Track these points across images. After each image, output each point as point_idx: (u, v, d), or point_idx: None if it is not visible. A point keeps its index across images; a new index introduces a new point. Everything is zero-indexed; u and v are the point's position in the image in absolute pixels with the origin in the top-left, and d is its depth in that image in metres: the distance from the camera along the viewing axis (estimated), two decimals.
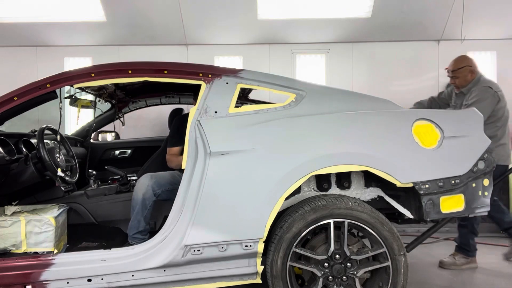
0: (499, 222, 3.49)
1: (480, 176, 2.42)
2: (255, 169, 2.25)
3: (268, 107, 2.43)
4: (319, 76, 5.00)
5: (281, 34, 4.88)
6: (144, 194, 2.70)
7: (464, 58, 3.47)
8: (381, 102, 2.59)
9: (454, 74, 3.43)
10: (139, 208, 2.69)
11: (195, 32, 4.83)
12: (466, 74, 3.38)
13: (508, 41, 4.87)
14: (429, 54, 4.85)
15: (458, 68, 3.41)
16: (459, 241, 3.54)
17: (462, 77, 3.40)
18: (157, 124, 4.94)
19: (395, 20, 4.65)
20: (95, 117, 3.89)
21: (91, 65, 3.00)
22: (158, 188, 2.73)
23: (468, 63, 3.40)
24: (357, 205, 2.28)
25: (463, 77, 3.39)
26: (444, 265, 3.44)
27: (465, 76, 3.39)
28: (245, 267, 2.30)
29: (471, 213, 2.45)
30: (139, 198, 2.70)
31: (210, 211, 2.23)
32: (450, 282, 3.15)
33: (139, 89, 3.62)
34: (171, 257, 2.23)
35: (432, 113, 2.49)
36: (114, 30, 4.80)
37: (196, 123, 2.32)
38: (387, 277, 2.28)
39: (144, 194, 2.70)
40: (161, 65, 2.47)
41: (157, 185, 2.74)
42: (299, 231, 2.25)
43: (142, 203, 2.69)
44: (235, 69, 2.50)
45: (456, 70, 3.42)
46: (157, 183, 2.74)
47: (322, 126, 2.37)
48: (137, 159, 4.13)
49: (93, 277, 2.22)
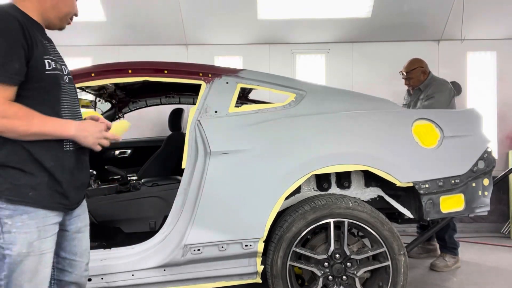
0: (445, 232, 3.44)
1: (480, 175, 2.43)
2: (255, 168, 2.25)
3: (268, 107, 2.43)
4: (319, 76, 5.00)
5: (281, 34, 4.88)
6: None
7: (416, 60, 3.66)
8: (381, 102, 2.59)
9: (408, 76, 3.63)
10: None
11: (195, 32, 4.83)
12: (418, 74, 3.59)
13: (508, 41, 4.87)
14: (429, 54, 4.84)
15: (411, 70, 3.61)
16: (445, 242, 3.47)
17: (415, 77, 3.60)
18: (157, 124, 4.94)
19: (395, 20, 4.65)
20: None
21: (91, 65, 3.00)
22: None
23: (419, 65, 3.61)
24: (357, 204, 2.29)
25: (416, 78, 3.60)
26: (437, 268, 3.41)
27: (418, 76, 3.59)
28: (245, 266, 2.30)
29: (471, 213, 2.45)
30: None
31: (210, 210, 2.23)
32: (450, 282, 3.15)
33: (139, 89, 3.61)
34: (171, 256, 2.23)
35: (432, 113, 2.49)
36: (114, 30, 4.80)
37: (196, 122, 2.32)
38: (387, 276, 2.28)
39: None
40: (161, 65, 2.47)
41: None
42: (299, 230, 2.25)
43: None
44: (235, 69, 2.50)
45: (409, 71, 3.62)
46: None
47: (322, 126, 2.37)
48: (137, 159, 4.13)
49: (93, 276, 2.22)
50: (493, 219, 4.75)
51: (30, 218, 1.40)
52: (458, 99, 4.85)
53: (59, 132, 1.42)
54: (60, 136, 1.44)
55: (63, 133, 1.43)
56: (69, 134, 1.44)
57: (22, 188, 1.38)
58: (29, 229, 1.39)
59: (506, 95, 4.87)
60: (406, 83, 3.71)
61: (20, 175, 1.39)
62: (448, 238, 3.45)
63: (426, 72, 3.60)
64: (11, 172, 1.38)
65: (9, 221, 1.37)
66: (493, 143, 4.74)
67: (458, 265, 3.47)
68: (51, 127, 1.40)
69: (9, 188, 1.37)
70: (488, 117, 4.75)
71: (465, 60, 4.91)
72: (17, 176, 1.38)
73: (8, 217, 1.36)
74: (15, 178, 1.38)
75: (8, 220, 1.36)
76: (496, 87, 4.90)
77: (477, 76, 4.90)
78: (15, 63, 1.33)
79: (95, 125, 1.52)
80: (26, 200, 1.39)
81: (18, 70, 1.34)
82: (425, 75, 3.60)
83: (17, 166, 1.38)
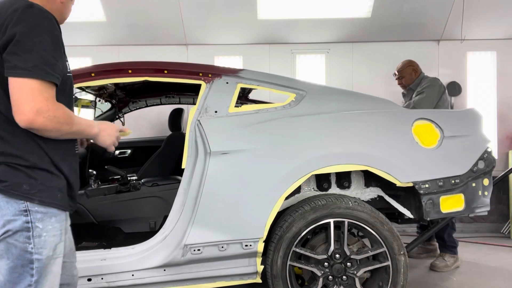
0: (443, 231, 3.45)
1: (480, 175, 2.43)
2: (255, 168, 2.25)
3: (268, 106, 2.43)
4: (319, 76, 5.00)
5: (281, 34, 4.88)
6: None
7: (407, 60, 3.79)
8: (381, 102, 2.59)
9: (400, 74, 3.76)
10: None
11: (195, 32, 4.83)
12: (410, 72, 3.71)
13: (508, 41, 4.87)
14: (429, 54, 4.85)
15: (403, 68, 3.74)
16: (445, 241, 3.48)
17: (407, 75, 3.72)
18: (157, 124, 4.94)
19: (395, 20, 4.65)
20: (95, 117, 3.89)
21: (91, 65, 3.00)
22: None
23: (410, 63, 3.74)
24: (357, 204, 2.29)
25: (408, 75, 3.72)
26: (437, 268, 3.41)
27: (409, 74, 3.71)
28: (245, 266, 2.30)
29: (471, 213, 2.45)
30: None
31: (210, 210, 2.23)
32: (450, 282, 3.15)
33: (139, 89, 3.61)
34: (171, 256, 2.23)
35: (432, 113, 2.49)
36: (114, 30, 4.80)
37: (196, 122, 2.32)
38: (387, 276, 2.28)
39: None
40: (161, 65, 2.47)
41: None
42: (299, 230, 2.25)
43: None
44: (235, 69, 2.50)
45: (401, 70, 3.75)
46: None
47: (322, 126, 2.37)
48: (137, 159, 4.13)
49: (93, 276, 2.22)
50: (493, 219, 4.75)
51: (57, 221, 1.41)
52: (458, 99, 4.87)
53: (88, 131, 1.45)
54: (87, 135, 1.47)
55: (89, 132, 1.46)
56: (93, 133, 1.48)
57: (53, 190, 1.39)
58: (56, 232, 1.40)
59: (506, 95, 4.87)
60: (398, 82, 3.82)
61: (51, 177, 1.39)
62: (447, 237, 3.45)
63: (417, 70, 3.72)
64: (43, 174, 1.37)
65: (40, 224, 1.36)
66: (493, 143, 4.74)
67: (457, 265, 3.47)
68: (83, 126, 1.43)
69: (42, 189, 1.36)
70: (488, 117, 4.76)
71: (465, 60, 4.92)
72: (48, 177, 1.39)
73: (40, 221, 1.35)
74: (47, 180, 1.38)
75: (39, 223, 1.35)
76: (496, 87, 4.90)
77: (477, 76, 4.91)
78: (59, 63, 1.36)
79: (112, 126, 1.56)
80: (56, 202, 1.39)
81: (61, 71, 1.36)
82: (417, 73, 3.71)
83: (46, 168, 1.38)
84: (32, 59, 1.27)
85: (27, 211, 1.34)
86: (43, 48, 1.29)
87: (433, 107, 3.43)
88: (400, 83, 3.81)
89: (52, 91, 1.32)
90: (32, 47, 1.28)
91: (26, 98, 1.26)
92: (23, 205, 1.33)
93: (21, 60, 1.26)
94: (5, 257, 1.33)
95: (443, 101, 3.52)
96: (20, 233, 1.33)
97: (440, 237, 3.49)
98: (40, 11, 1.33)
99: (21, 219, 1.33)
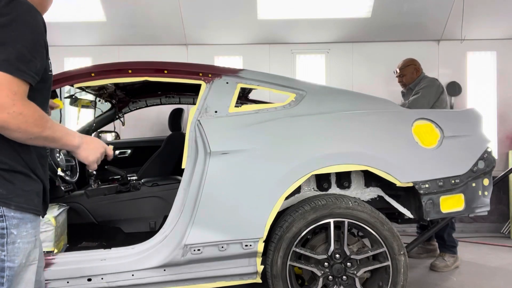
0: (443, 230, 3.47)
1: (480, 175, 2.42)
2: (255, 168, 2.25)
3: (268, 106, 2.43)
4: (319, 76, 5.00)
5: (281, 34, 4.88)
6: None
7: (409, 59, 3.80)
8: (381, 102, 2.59)
9: (401, 72, 3.76)
10: None
11: (195, 32, 4.83)
12: (412, 71, 3.71)
13: (508, 41, 4.87)
14: (429, 54, 4.85)
15: (405, 67, 3.74)
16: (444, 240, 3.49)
17: (408, 74, 3.72)
18: (157, 124, 4.94)
19: (395, 20, 4.65)
20: (95, 117, 3.89)
21: (91, 65, 3.00)
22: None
23: (412, 62, 3.75)
24: (357, 204, 2.28)
25: (409, 74, 3.72)
26: (437, 268, 3.41)
27: (411, 73, 3.71)
28: (245, 266, 2.30)
29: (471, 213, 2.45)
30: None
31: (210, 210, 2.23)
32: (450, 282, 3.15)
33: (139, 89, 3.62)
34: (171, 256, 2.23)
35: (432, 113, 2.49)
36: (114, 30, 4.80)
37: (196, 122, 2.32)
38: (387, 276, 2.28)
39: None
40: (161, 64, 2.47)
41: None
42: (299, 230, 2.25)
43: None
44: (235, 69, 2.50)
45: (403, 68, 3.75)
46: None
47: (322, 126, 2.37)
48: (137, 159, 4.13)
49: (93, 276, 2.22)
50: (493, 219, 4.75)
51: (32, 227, 1.33)
52: (458, 99, 4.87)
53: (65, 140, 1.32)
54: (65, 144, 1.33)
55: (68, 142, 1.33)
56: (73, 144, 1.35)
57: (30, 194, 1.31)
58: (31, 238, 1.33)
59: (506, 95, 4.87)
60: (399, 80, 3.81)
61: (29, 181, 1.32)
62: (447, 237, 3.46)
63: (419, 70, 3.72)
64: (20, 178, 1.29)
65: (15, 231, 1.28)
66: (493, 143, 4.74)
67: (457, 264, 3.47)
68: (59, 133, 1.29)
69: (19, 194, 1.28)
70: (488, 117, 4.76)
71: (465, 60, 4.92)
72: (26, 181, 1.31)
73: (15, 227, 1.28)
74: (25, 184, 1.30)
75: (14, 230, 1.27)
76: (496, 87, 4.90)
77: (477, 76, 4.91)
78: (37, 62, 1.26)
79: (97, 141, 1.44)
80: (32, 207, 1.32)
81: (38, 70, 1.27)
82: (418, 73, 3.71)
83: (24, 171, 1.30)
84: (4, 52, 1.18)
85: (3, 216, 1.25)
86: (20, 42, 1.21)
87: (429, 107, 3.43)
88: (400, 81, 3.80)
89: (22, 87, 1.20)
90: (7, 40, 1.19)
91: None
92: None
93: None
94: None
95: (441, 102, 3.52)
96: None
97: (440, 237, 3.50)
98: (23, 5, 1.24)
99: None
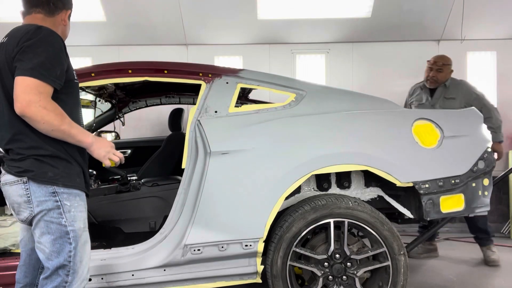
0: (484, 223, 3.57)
1: (480, 175, 2.42)
2: (255, 168, 2.25)
3: (268, 106, 2.43)
4: (319, 76, 5.00)
5: (281, 34, 4.88)
6: None
7: (448, 57, 3.74)
8: (381, 102, 2.59)
9: (440, 67, 3.64)
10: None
11: (195, 32, 4.83)
12: (448, 71, 3.67)
13: (508, 41, 4.87)
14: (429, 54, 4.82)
15: (446, 64, 3.67)
16: (489, 234, 3.61)
17: (445, 72, 3.65)
18: (157, 124, 4.94)
19: (395, 20, 4.65)
20: (95, 117, 3.89)
21: (91, 65, 3.00)
22: None
23: (450, 63, 3.70)
24: (357, 204, 2.29)
25: (446, 73, 3.66)
26: (497, 262, 3.50)
27: (447, 74, 3.67)
28: (245, 266, 2.30)
29: (471, 213, 2.45)
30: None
31: (210, 210, 2.23)
32: (450, 282, 3.15)
33: (139, 89, 3.61)
34: (171, 256, 2.23)
35: (432, 113, 2.49)
36: (114, 30, 4.80)
37: (196, 122, 2.32)
38: (387, 276, 2.28)
39: None
40: (161, 65, 2.48)
41: None
42: (299, 230, 2.25)
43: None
44: (235, 69, 2.50)
45: (443, 64, 3.66)
46: None
47: (322, 126, 2.37)
48: (137, 159, 4.13)
49: (93, 276, 2.22)
50: (493, 219, 4.74)
51: (81, 199, 1.74)
52: None
53: (79, 137, 1.66)
54: (79, 141, 1.67)
55: (82, 139, 1.67)
56: (87, 142, 1.68)
57: (72, 175, 1.70)
58: (82, 208, 1.74)
59: (506, 95, 4.86)
60: (432, 74, 3.63)
61: (70, 166, 1.70)
62: (489, 228, 3.57)
63: (451, 73, 3.70)
64: (63, 163, 1.68)
65: (68, 202, 1.67)
66: None
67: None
68: (75, 130, 1.64)
69: (64, 176, 1.67)
70: None
71: (465, 60, 4.91)
72: (68, 166, 1.69)
73: (67, 199, 1.67)
74: (67, 168, 1.69)
75: (67, 202, 1.67)
76: (496, 87, 4.90)
77: (477, 76, 4.90)
78: (57, 70, 1.62)
79: (107, 143, 1.77)
80: (76, 185, 1.70)
81: (58, 76, 1.63)
82: (450, 74, 3.69)
83: (65, 158, 1.68)
84: (31, 63, 1.56)
85: (55, 192, 1.65)
86: (43, 56, 1.58)
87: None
88: (433, 76, 3.61)
89: (47, 89, 1.58)
90: (34, 55, 1.58)
91: (22, 91, 1.53)
92: (51, 188, 1.64)
93: (23, 64, 1.57)
94: (47, 232, 1.65)
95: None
96: (53, 211, 1.64)
97: (483, 231, 3.58)
98: (47, 30, 1.66)
99: (51, 200, 1.64)
